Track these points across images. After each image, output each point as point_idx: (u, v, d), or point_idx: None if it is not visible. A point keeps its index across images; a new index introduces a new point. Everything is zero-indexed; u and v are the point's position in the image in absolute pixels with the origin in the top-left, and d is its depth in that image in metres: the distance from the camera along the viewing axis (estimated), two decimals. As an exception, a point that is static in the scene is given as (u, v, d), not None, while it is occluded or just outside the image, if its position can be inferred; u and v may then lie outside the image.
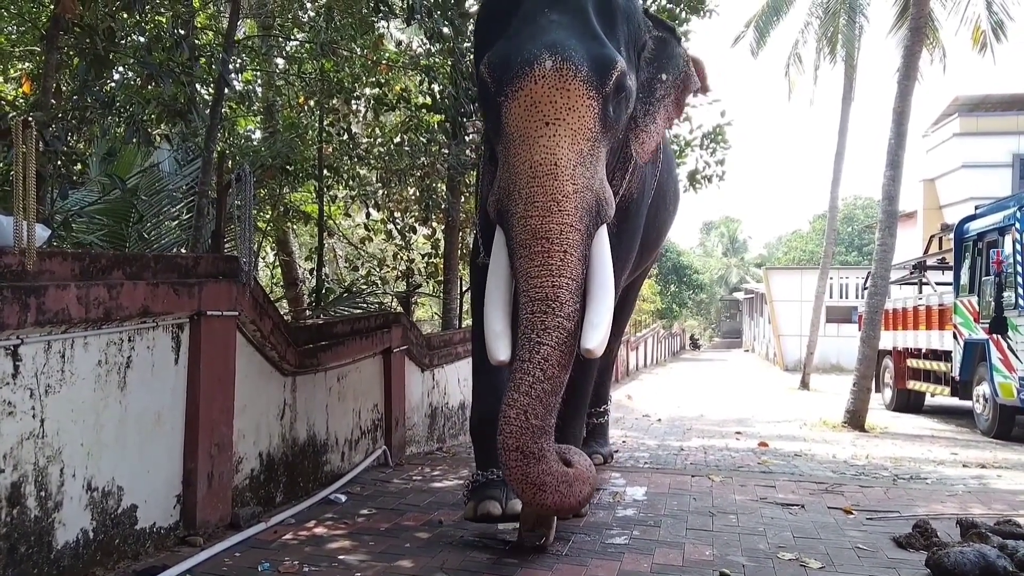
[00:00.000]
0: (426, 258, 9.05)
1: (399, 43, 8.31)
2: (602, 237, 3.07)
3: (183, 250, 5.47)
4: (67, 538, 2.72)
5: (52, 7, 4.25)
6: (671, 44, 3.74)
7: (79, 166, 5.31)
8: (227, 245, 5.47)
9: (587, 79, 2.94)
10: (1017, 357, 8.15)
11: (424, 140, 7.25)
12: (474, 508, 3.47)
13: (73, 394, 2.75)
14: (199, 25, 6.51)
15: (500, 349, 2.96)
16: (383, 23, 7.32)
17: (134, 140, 4.59)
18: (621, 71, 3.05)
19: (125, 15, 4.70)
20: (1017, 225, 8.34)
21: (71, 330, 2.72)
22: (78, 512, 2.77)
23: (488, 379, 3.62)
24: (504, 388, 3.45)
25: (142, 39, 5.22)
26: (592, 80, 2.95)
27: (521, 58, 2.94)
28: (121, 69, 5.61)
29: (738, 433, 8.66)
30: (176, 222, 6.03)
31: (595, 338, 2.83)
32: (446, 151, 7.02)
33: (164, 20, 5.41)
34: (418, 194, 7.95)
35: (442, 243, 8.25)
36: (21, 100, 5.55)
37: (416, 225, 8.48)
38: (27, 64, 6.09)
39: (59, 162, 4.29)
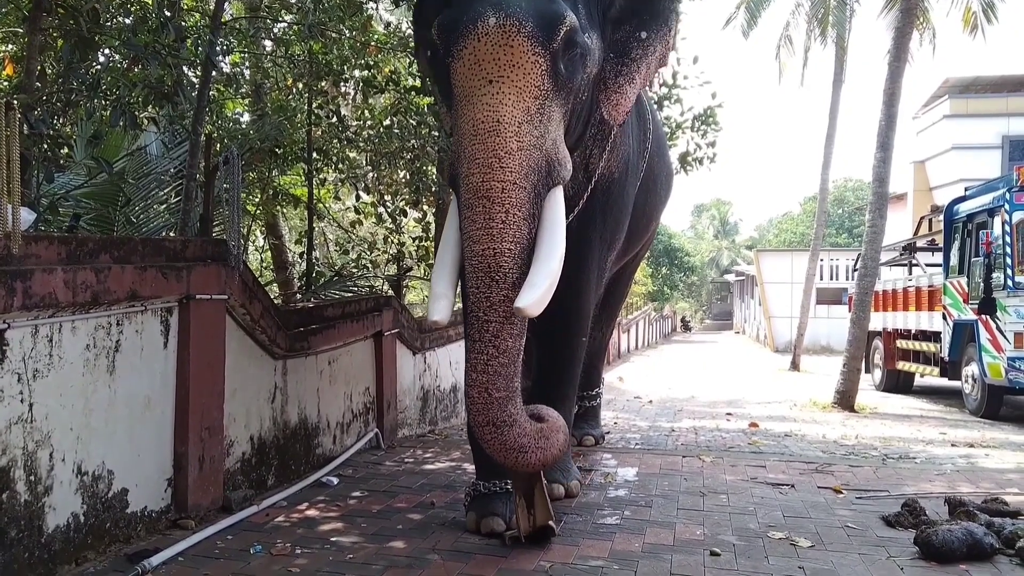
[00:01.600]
0: (417, 241, 9.01)
1: (388, 24, 8.25)
2: (555, 198, 2.99)
3: (172, 234, 5.43)
4: (58, 522, 2.71)
5: (35, -12, 4.19)
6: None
7: (65, 149, 5.27)
8: (216, 229, 5.43)
9: (531, 35, 2.85)
10: (1005, 337, 8.20)
11: (414, 122, 7.21)
12: (476, 521, 3.37)
13: (61, 378, 2.74)
14: (185, 6, 6.44)
15: (437, 310, 2.97)
16: (372, 4, 7.26)
17: (120, 123, 4.53)
18: (570, 27, 2.96)
19: (110, -4, 4.65)
20: (1006, 207, 8.37)
21: (58, 314, 2.71)
22: (68, 496, 2.76)
23: None
24: None
25: (127, 21, 5.16)
26: (538, 36, 2.87)
27: (467, 17, 2.89)
28: (107, 51, 5.54)
29: (729, 414, 8.70)
30: (164, 206, 5.98)
31: (529, 297, 2.72)
32: (436, 133, 6.98)
33: (150, 1, 5.34)
34: (408, 177, 7.91)
35: (433, 226, 8.22)
36: (5, 83, 5.49)
37: (406, 208, 8.44)
38: (10, 46, 6.01)
39: (44, 145, 4.24)
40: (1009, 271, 8.23)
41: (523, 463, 2.82)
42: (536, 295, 2.73)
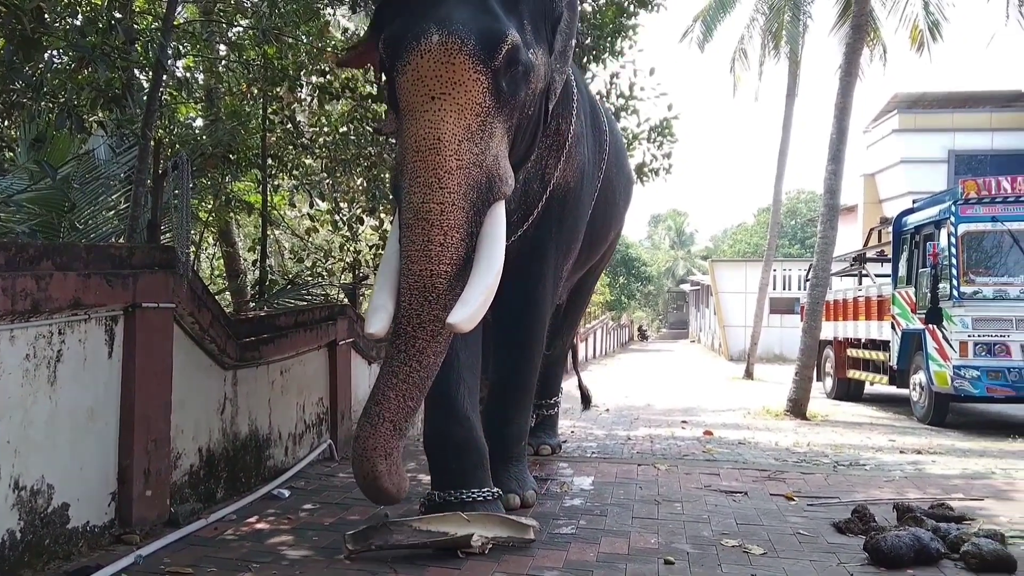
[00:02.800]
0: (373, 249, 8.93)
1: (345, 31, 8.18)
2: (496, 214, 3.01)
3: (120, 240, 5.30)
4: (-8, 539, 2.61)
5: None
6: (575, 7, 3.62)
7: (8, 152, 5.11)
8: (165, 235, 5.32)
9: (473, 53, 2.88)
10: (951, 346, 8.42)
11: (371, 129, 7.15)
12: None
13: (-2, 389, 2.64)
14: (136, 8, 6.31)
15: (375, 322, 2.95)
16: (329, 10, 7.20)
17: (67, 126, 4.41)
18: (512, 44, 2.98)
19: (56, -5, 4.53)
20: (952, 219, 8.61)
21: (-4, 323, 2.61)
22: (4, 512, 2.65)
23: (443, 395, 3.42)
24: (461, 399, 3.48)
25: (75, 21, 5.03)
26: (479, 54, 2.89)
27: (411, 33, 2.91)
28: (54, 52, 5.39)
29: (684, 422, 8.78)
30: (112, 211, 5.83)
31: (461, 313, 2.76)
32: (393, 140, 6.92)
33: (99, 1, 5.22)
34: (365, 184, 7.84)
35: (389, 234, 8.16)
36: (-56, 84, 5.30)
37: (363, 216, 8.35)
38: (-49, 46, 5.82)
39: (-15, 148, 4.11)
40: (955, 281, 8.46)
41: (375, 469, 2.84)
42: (468, 312, 2.78)
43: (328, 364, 5.36)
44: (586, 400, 6.45)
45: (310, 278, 8.54)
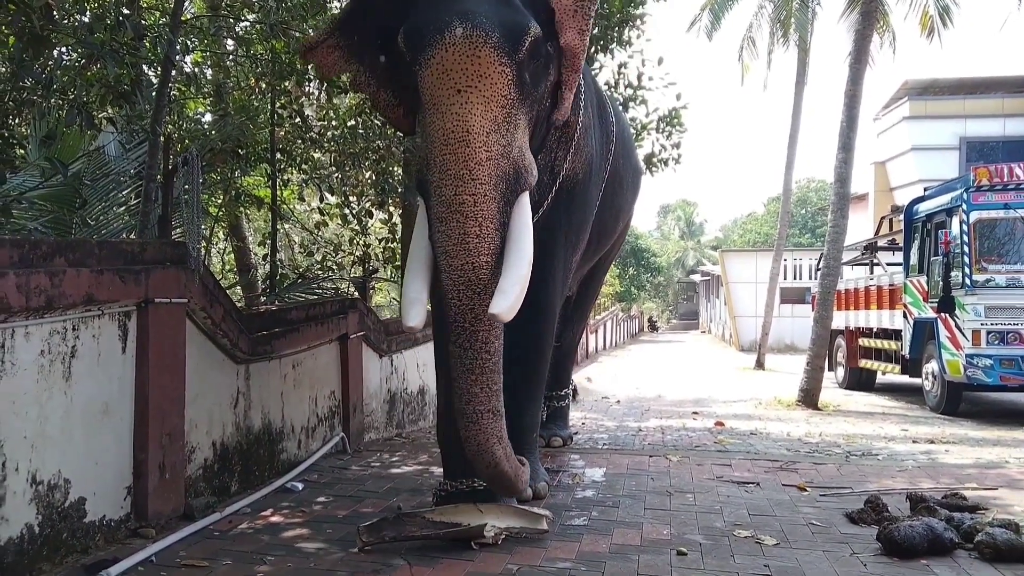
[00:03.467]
0: (383, 243, 8.94)
1: (352, 24, 8.16)
2: (522, 205, 3.05)
3: (131, 236, 5.32)
4: (11, 534, 2.63)
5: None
6: (587, 4, 3.65)
7: (19, 150, 5.14)
8: (176, 231, 5.34)
9: (498, 45, 2.90)
10: (964, 335, 8.37)
11: (379, 123, 7.15)
12: None
13: (14, 386, 2.66)
14: (144, 4, 6.32)
15: (413, 316, 3.01)
16: (336, 3, 7.19)
17: (77, 123, 4.43)
18: (535, 36, 3.01)
19: (65, -8, 4.54)
20: (964, 206, 8.55)
21: (11, 320, 2.63)
22: (22, 507, 2.68)
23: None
24: None
25: (84, 18, 5.04)
26: (504, 46, 2.91)
27: (433, 26, 2.91)
28: (62, 49, 5.41)
29: (695, 413, 8.77)
30: (123, 207, 5.86)
31: (501, 304, 2.84)
32: (401, 134, 6.92)
33: (107, -2, 5.23)
34: (374, 177, 7.84)
35: (399, 227, 8.17)
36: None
37: (372, 209, 8.36)
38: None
39: (-3, 146, 4.13)
40: (967, 270, 8.40)
41: (499, 455, 2.98)
42: (509, 302, 2.86)
43: (339, 357, 5.38)
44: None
45: (320, 272, 8.57)
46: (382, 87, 3.53)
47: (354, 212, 8.41)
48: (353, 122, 7.42)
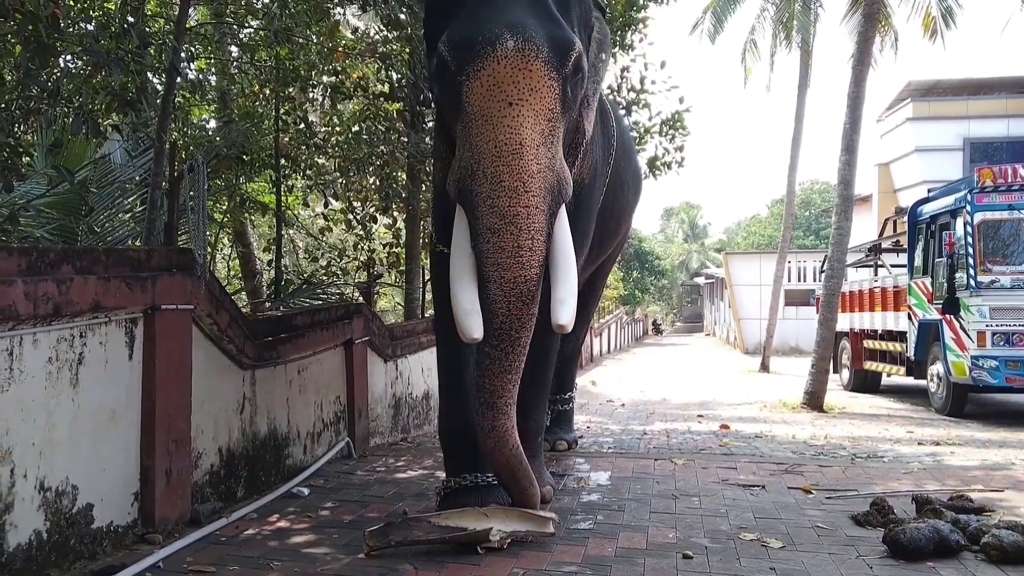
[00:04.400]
0: (387, 248, 8.98)
1: (355, 30, 8.20)
2: (562, 217, 3.13)
3: (136, 243, 5.35)
4: (19, 540, 2.65)
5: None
6: (603, 23, 3.77)
7: (26, 158, 5.17)
8: (182, 237, 5.36)
9: (548, 60, 2.94)
10: (969, 336, 8.36)
11: (383, 128, 7.18)
12: None
13: (23, 393, 2.68)
14: (149, 12, 6.35)
15: (474, 327, 3.00)
16: (339, 10, 7.22)
17: (83, 131, 4.46)
18: (579, 53, 3.07)
19: (71, 1, 4.57)
20: (968, 208, 8.54)
21: (19, 327, 2.65)
22: (30, 513, 2.70)
23: (458, 389, 3.69)
24: (471, 392, 3.61)
25: (89, 27, 5.08)
26: (553, 61, 2.96)
27: (483, 37, 2.92)
28: (69, 57, 5.45)
29: (700, 416, 8.76)
30: (129, 214, 5.89)
31: (565, 314, 2.98)
32: (405, 139, 6.96)
33: (112, 7, 5.27)
34: (378, 183, 7.87)
35: (403, 232, 8.20)
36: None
37: (376, 214, 8.39)
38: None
39: (4, 154, 4.16)
40: (971, 271, 8.39)
41: (508, 443, 3.08)
42: (570, 312, 3.02)
43: (345, 363, 5.39)
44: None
45: (325, 277, 8.59)
46: None
47: (358, 217, 8.44)
48: (357, 128, 7.46)
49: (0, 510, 2.57)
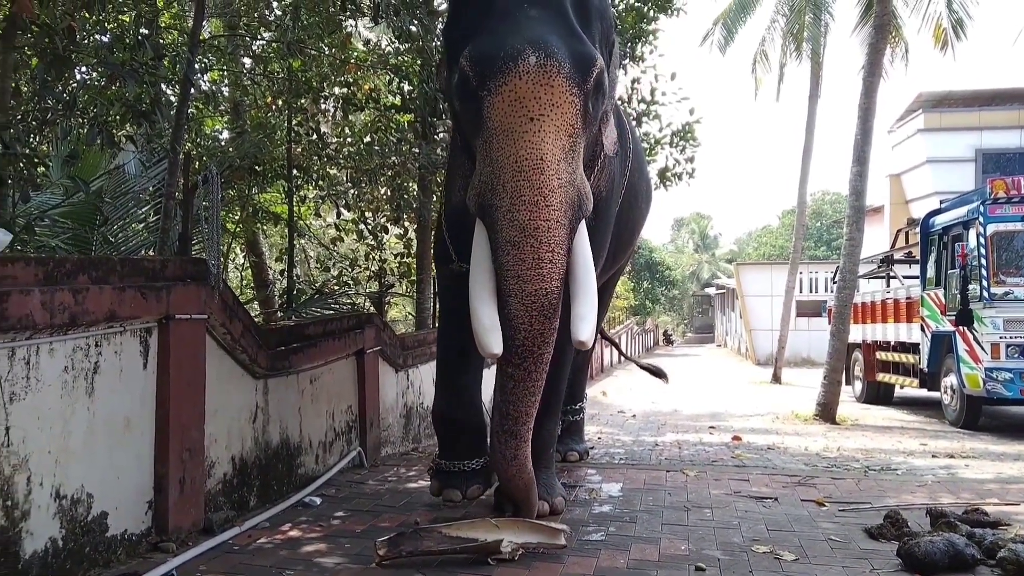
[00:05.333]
0: (398, 258, 9.00)
1: (367, 42, 8.27)
2: (582, 231, 3.15)
3: (150, 253, 5.39)
4: (35, 547, 2.66)
5: (8, 6, 4.16)
6: (614, 37, 3.80)
7: (41, 168, 5.21)
8: (195, 247, 5.39)
9: (570, 76, 2.96)
10: (983, 348, 8.30)
11: (394, 139, 7.21)
12: (439, 490, 3.95)
13: (39, 401, 2.70)
14: (163, 24, 6.42)
15: (494, 343, 3.01)
16: (351, 22, 7.28)
17: (98, 141, 4.51)
18: (601, 69, 3.10)
19: (86, 14, 4.62)
20: (980, 219, 8.49)
21: (36, 336, 2.67)
22: (46, 521, 2.72)
23: (455, 379, 3.99)
24: (469, 387, 3.98)
25: (104, 39, 5.13)
26: (574, 77, 2.98)
27: (505, 53, 2.95)
28: (84, 69, 5.51)
29: (712, 427, 8.72)
30: (143, 224, 5.94)
31: (586, 330, 2.99)
32: (417, 150, 6.99)
33: (127, 19, 5.33)
34: (389, 193, 7.91)
35: (414, 242, 8.22)
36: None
37: (388, 225, 8.42)
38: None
39: (20, 164, 4.20)
40: (984, 282, 8.34)
41: (527, 469, 3.17)
42: (591, 327, 3.03)
43: (356, 372, 5.40)
44: (659, 374, 6.21)
45: (336, 287, 8.62)
46: None
47: (370, 227, 8.47)
48: (369, 139, 7.50)
49: (17, 518, 2.59)
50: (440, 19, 5.83)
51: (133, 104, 4.71)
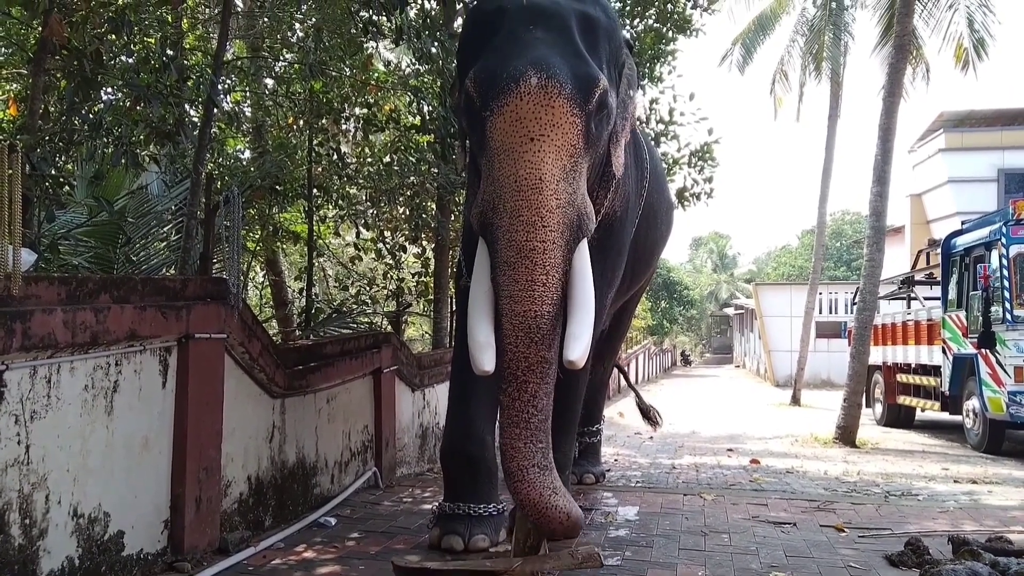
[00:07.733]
0: (416, 277, 9.03)
1: (388, 63, 8.34)
2: (582, 251, 3.10)
3: (172, 271, 5.45)
4: (52, 566, 2.68)
5: (40, 30, 4.25)
6: (630, 58, 3.80)
7: (66, 188, 5.30)
8: (216, 267, 5.45)
9: (571, 97, 2.97)
10: (1006, 371, 8.19)
11: (413, 159, 7.26)
12: (439, 538, 3.66)
13: (59, 419, 2.73)
14: (188, 46, 6.52)
15: (485, 360, 2.95)
16: (372, 43, 7.35)
17: (122, 162, 4.57)
18: (603, 89, 3.11)
19: (113, 37, 4.70)
20: (1003, 240, 8.41)
21: (57, 355, 2.70)
22: (64, 539, 2.73)
23: (465, 411, 3.81)
24: (479, 421, 3.77)
25: (130, 61, 5.22)
26: (576, 98, 2.98)
27: (507, 74, 2.97)
28: (109, 90, 5.60)
29: (730, 450, 8.65)
30: (164, 243, 6.01)
31: (577, 349, 2.87)
32: (435, 170, 7.03)
33: (152, 42, 5.41)
34: (408, 213, 7.95)
35: (432, 262, 8.25)
36: (8, 123, 5.53)
37: (406, 244, 8.47)
38: (14, 86, 6.08)
39: (46, 184, 4.27)
40: (1007, 304, 8.24)
41: (553, 507, 2.83)
42: (583, 347, 2.90)
43: (373, 392, 5.41)
44: (649, 419, 6.27)
45: (355, 306, 8.65)
46: None
47: (388, 247, 8.52)
48: (388, 159, 7.56)
49: (35, 536, 2.61)
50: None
51: (157, 125, 4.78)
